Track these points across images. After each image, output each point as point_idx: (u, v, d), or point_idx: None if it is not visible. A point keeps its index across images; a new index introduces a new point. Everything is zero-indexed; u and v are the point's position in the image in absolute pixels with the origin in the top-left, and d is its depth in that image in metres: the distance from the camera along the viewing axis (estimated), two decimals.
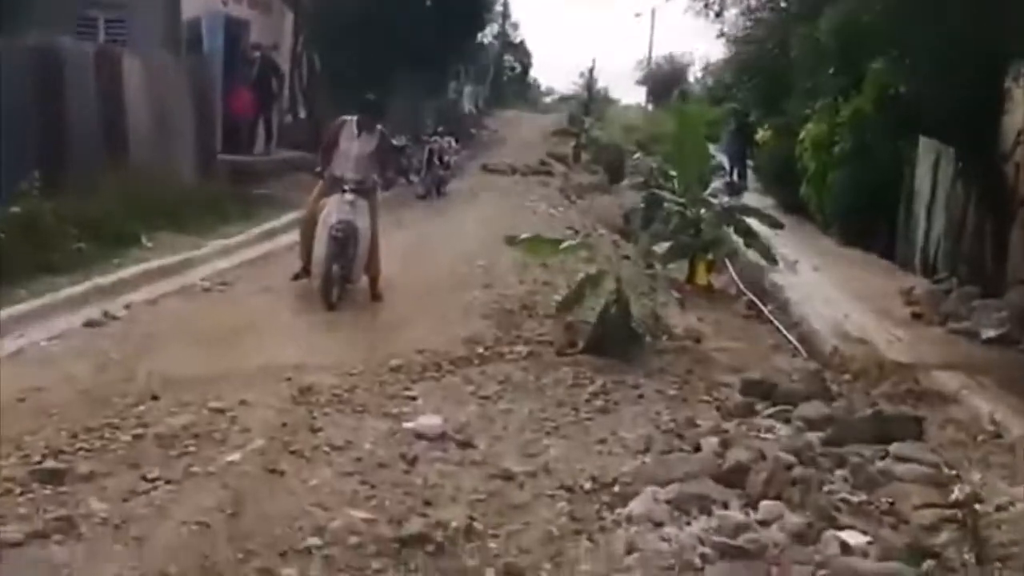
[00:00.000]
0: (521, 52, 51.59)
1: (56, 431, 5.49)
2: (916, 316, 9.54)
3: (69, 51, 12.14)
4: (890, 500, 4.58)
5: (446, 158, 18.61)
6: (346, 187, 9.35)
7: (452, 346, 7.88)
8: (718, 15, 15.52)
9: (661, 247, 9.04)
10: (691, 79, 54.06)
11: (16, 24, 11.70)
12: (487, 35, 35.62)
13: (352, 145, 9.62)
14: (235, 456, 5.31)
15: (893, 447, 5.27)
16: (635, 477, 5.29)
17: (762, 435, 5.73)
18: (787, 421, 6.15)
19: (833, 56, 9.22)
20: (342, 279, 9.24)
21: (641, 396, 6.99)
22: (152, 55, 14.54)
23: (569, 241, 9.21)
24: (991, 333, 8.47)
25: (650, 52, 60.81)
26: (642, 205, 13.46)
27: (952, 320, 9.17)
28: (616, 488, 5.18)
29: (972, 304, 9.36)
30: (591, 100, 42.55)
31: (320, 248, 9.18)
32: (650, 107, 52.77)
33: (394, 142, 11.67)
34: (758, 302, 11.34)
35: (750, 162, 22.31)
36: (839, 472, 5.00)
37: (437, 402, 6.60)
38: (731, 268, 13.10)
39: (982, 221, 10.31)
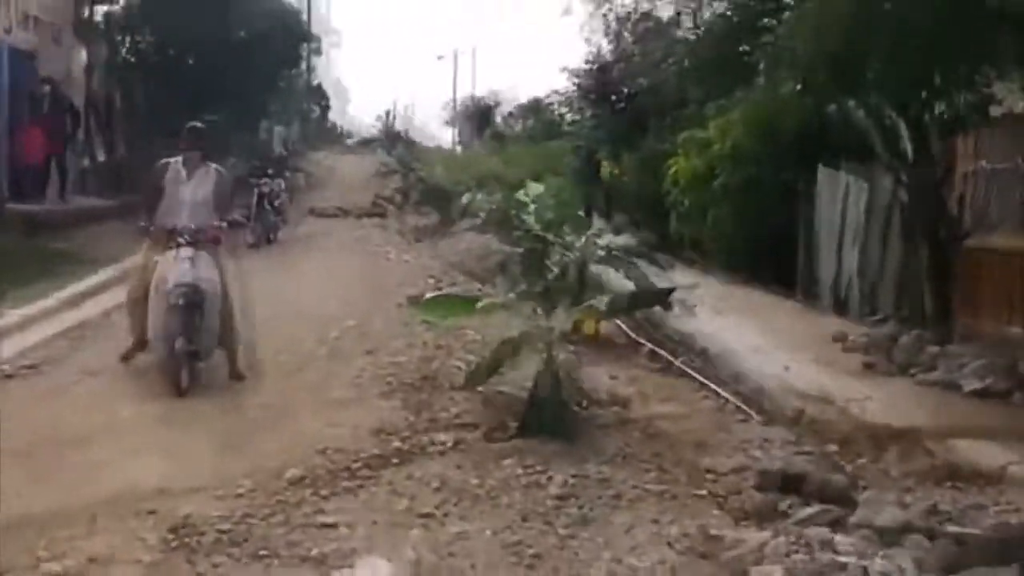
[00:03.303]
0: (320, 95, 50.06)
1: None
2: (867, 366, 8.39)
3: None
4: None
5: (277, 202, 16.57)
6: (181, 240, 7.42)
7: (359, 440, 6.11)
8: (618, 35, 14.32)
9: (600, 301, 7.58)
10: (499, 119, 53.71)
11: None
12: (296, 74, 33.62)
13: (182, 189, 7.77)
14: None
15: None
16: None
17: (838, 557, 4.23)
18: (835, 524, 4.72)
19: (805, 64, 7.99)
20: (191, 356, 7.25)
21: (618, 496, 5.53)
22: None
23: (487, 300, 7.59)
24: (975, 386, 7.36)
25: (455, 93, 60.15)
26: (520, 251, 11.95)
27: (914, 370, 8.05)
28: None
29: (930, 351, 8.29)
30: (408, 141, 41.22)
31: (158, 320, 7.18)
32: (458, 148, 52.08)
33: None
34: (666, 354, 10.02)
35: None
36: None
37: (366, 530, 4.86)
38: None
39: (916, 257, 9.31)
